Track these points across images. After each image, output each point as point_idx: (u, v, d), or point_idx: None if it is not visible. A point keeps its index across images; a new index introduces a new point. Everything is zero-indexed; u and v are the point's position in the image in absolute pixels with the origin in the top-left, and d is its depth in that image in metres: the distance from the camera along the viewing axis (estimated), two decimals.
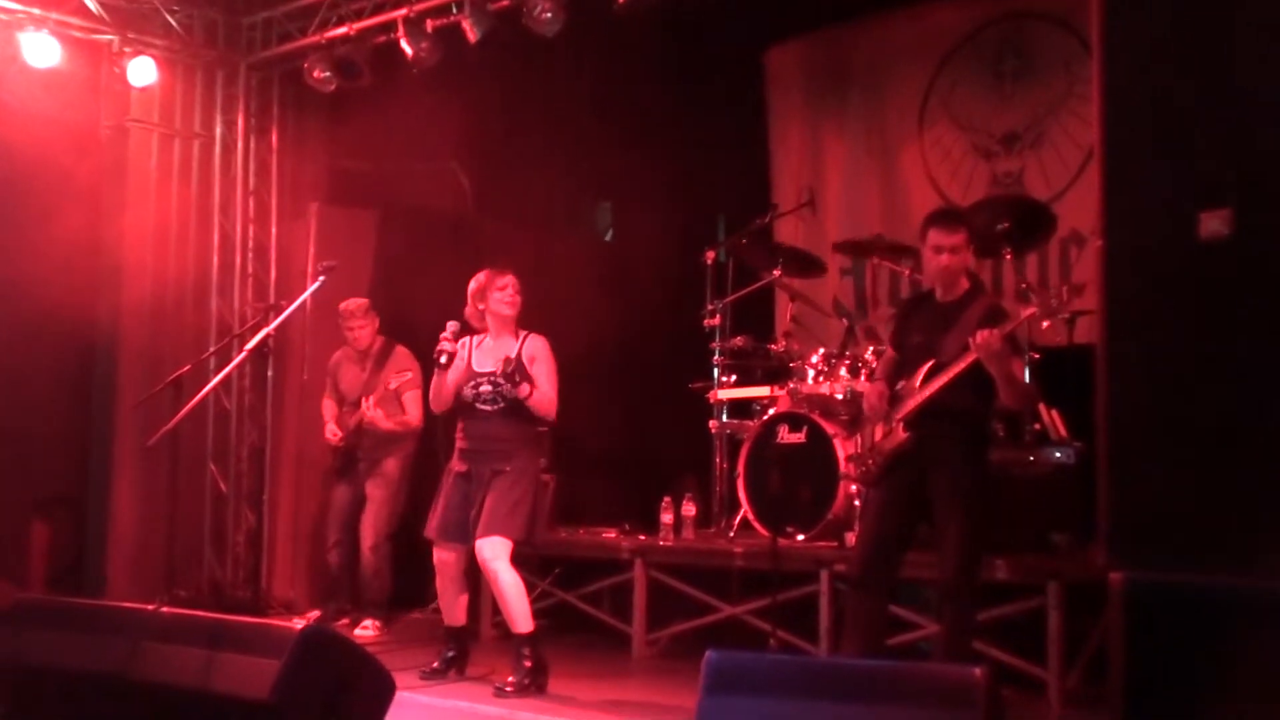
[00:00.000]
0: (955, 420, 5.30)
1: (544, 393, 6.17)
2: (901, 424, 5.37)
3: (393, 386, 7.64)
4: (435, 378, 6.31)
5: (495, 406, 6.21)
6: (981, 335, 5.07)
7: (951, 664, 4.66)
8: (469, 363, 6.30)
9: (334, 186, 9.42)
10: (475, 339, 6.39)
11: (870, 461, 5.50)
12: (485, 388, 6.24)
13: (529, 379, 6.11)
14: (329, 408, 8.10)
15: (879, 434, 5.48)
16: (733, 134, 9.80)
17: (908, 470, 5.38)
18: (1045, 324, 5.47)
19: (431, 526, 6.32)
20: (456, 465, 6.30)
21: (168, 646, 4.62)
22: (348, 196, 9.36)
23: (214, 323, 8.92)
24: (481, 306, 6.31)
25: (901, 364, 5.60)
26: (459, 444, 6.31)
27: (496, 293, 6.28)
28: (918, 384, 5.36)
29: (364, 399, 7.72)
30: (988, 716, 3.80)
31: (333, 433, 7.96)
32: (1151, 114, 3.98)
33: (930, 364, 5.34)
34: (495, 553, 6.02)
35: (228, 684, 4.37)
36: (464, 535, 6.15)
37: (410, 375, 7.71)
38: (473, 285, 6.35)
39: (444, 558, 6.33)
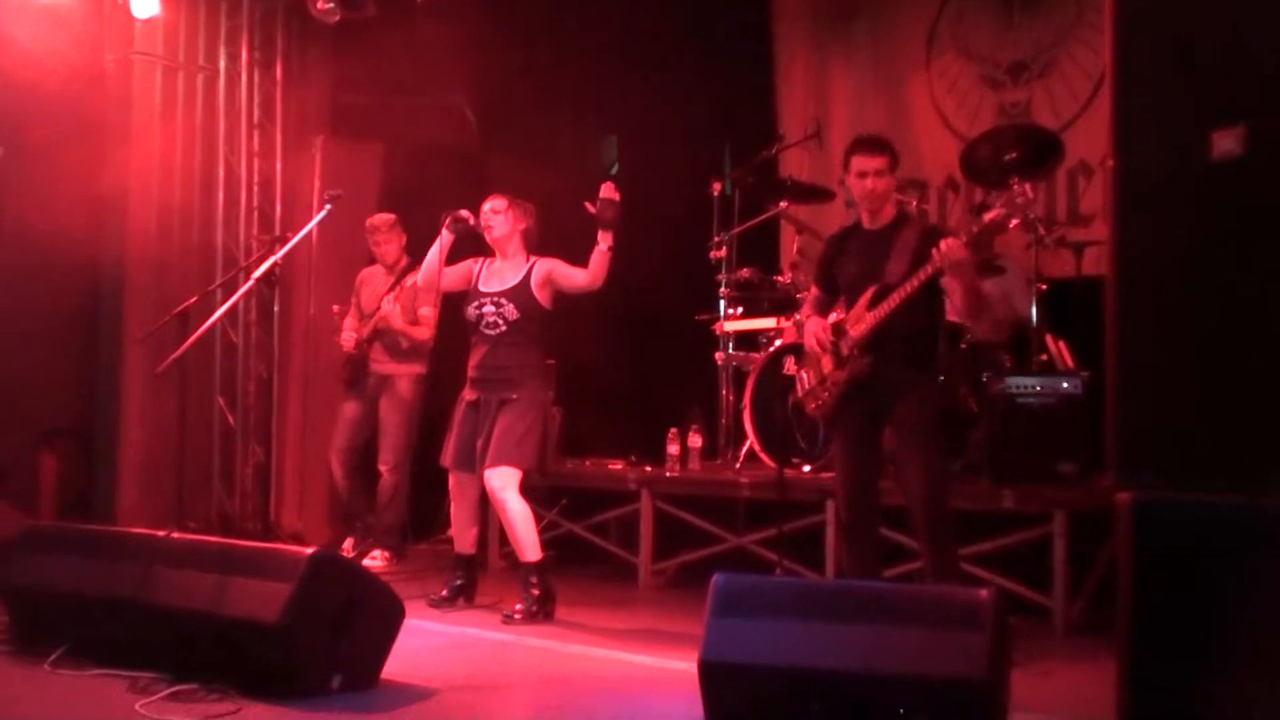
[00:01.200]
0: (907, 343, 5.27)
1: (589, 269, 6.09)
2: (855, 351, 5.32)
3: (408, 284, 7.53)
4: (438, 241, 6.34)
5: (497, 330, 6.24)
6: (946, 243, 5.01)
7: (958, 586, 4.69)
8: (475, 282, 6.34)
9: (339, 120, 9.36)
10: (488, 260, 6.43)
11: (825, 394, 5.45)
12: (489, 308, 6.26)
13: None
14: (349, 322, 8.08)
15: (828, 365, 5.44)
16: (739, 66, 9.72)
17: (864, 399, 5.36)
18: (1014, 222, 5.37)
19: (447, 454, 6.36)
20: (467, 394, 6.33)
21: (180, 571, 4.67)
22: (352, 130, 9.30)
23: (219, 256, 8.90)
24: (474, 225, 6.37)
25: (834, 298, 5.58)
26: (470, 373, 6.34)
27: (483, 213, 6.34)
28: (865, 310, 5.30)
29: (385, 294, 7.68)
30: (994, 638, 3.84)
31: (347, 338, 7.95)
32: (1165, 35, 3.95)
33: (873, 290, 5.28)
34: (504, 482, 6.05)
35: (239, 607, 4.42)
36: (476, 463, 6.18)
37: None
38: None
39: (459, 486, 6.38)
